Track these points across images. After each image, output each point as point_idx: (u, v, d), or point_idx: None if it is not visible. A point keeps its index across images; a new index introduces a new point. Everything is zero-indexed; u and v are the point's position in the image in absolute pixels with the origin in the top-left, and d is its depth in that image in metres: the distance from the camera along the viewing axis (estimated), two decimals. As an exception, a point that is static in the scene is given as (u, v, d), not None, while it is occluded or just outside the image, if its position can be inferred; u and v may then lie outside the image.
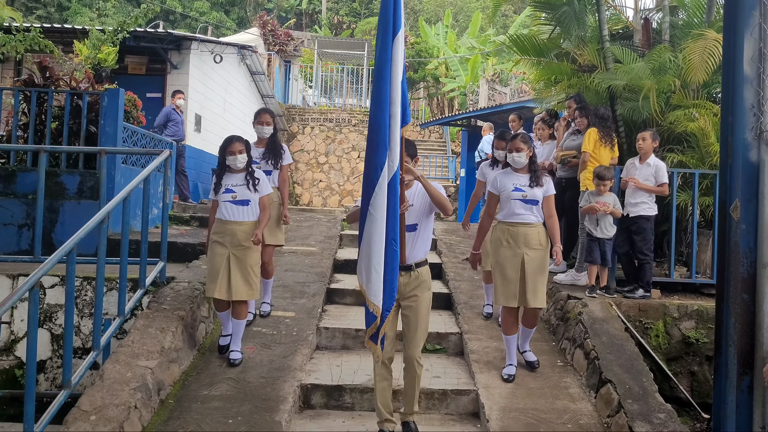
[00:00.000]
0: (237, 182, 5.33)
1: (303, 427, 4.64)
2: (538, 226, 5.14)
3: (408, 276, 4.30)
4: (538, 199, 5.09)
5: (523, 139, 5.12)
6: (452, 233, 9.65)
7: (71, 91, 7.83)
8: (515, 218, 5.11)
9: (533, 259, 5.07)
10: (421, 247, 4.38)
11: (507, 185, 5.15)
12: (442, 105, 27.62)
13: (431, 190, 4.25)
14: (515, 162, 5.13)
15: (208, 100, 14.11)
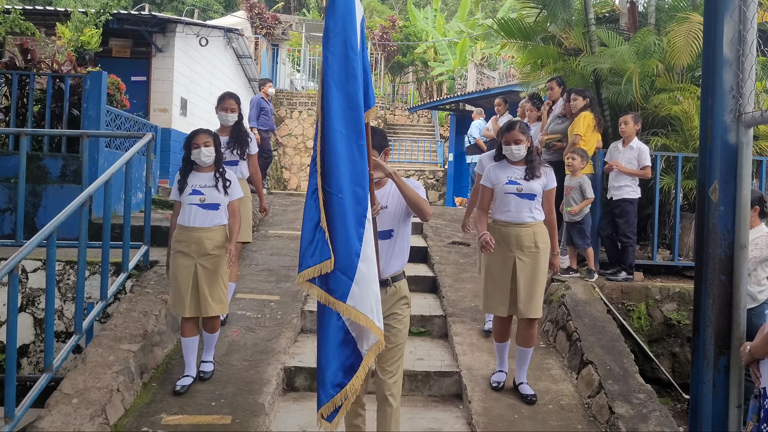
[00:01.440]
0: (205, 182, 4.68)
1: (286, 409, 4.66)
2: (534, 225, 4.58)
3: (384, 292, 3.52)
4: (535, 193, 4.56)
5: (521, 129, 4.60)
6: (438, 217, 9.66)
7: (53, 74, 7.75)
8: (507, 216, 4.59)
9: (526, 264, 4.55)
10: (398, 257, 3.66)
11: (500, 177, 4.63)
12: (430, 89, 27.55)
13: (405, 190, 3.51)
14: (513, 154, 4.60)
15: (194, 84, 14.01)
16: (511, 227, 4.58)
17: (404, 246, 3.72)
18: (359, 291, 3.11)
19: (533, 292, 4.56)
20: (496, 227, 4.65)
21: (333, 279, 3.11)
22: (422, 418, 4.61)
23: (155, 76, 12.71)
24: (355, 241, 3.11)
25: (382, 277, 3.55)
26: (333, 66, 3.19)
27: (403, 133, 23.07)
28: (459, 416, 4.68)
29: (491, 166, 4.81)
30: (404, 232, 3.70)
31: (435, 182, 19.78)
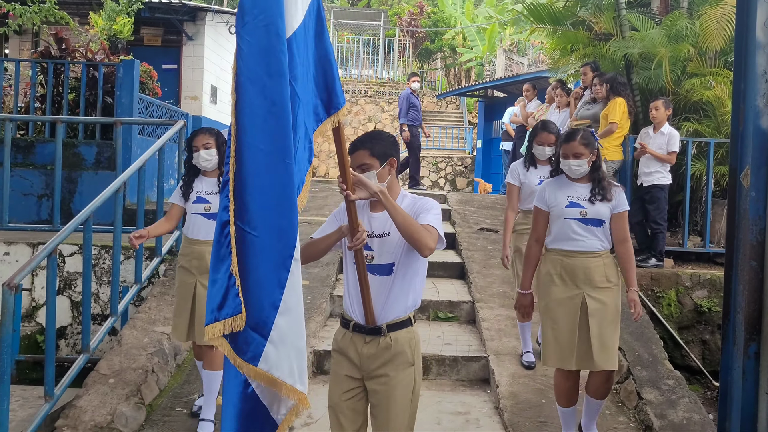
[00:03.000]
0: (210, 189, 4.15)
1: (315, 391, 4.74)
2: (604, 255, 3.75)
3: (375, 344, 2.82)
4: (603, 219, 3.72)
5: (584, 141, 3.72)
6: (466, 204, 9.66)
7: (87, 63, 7.89)
8: (571, 244, 3.74)
9: (599, 303, 3.70)
10: (399, 300, 2.85)
11: (559, 199, 3.80)
12: (459, 76, 27.41)
13: (396, 215, 2.68)
14: (572, 171, 3.76)
15: (223, 72, 14.12)
16: (577, 257, 3.73)
17: (411, 285, 2.88)
18: (275, 353, 2.39)
19: (609, 337, 3.70)
20: (557, 258, 3.79)
21: (242, 337, 2.39)
22: (450, 401, 4.66)
23: (186, 64, 12.84)
24: (274, 290, 2.40)
25: (374, 325, 2.81)
26: (248, 61, 2.41)
27: (431, 119, 23.01)
28: (486, 400, 4.72)
29: (547, 184, 3.94)
30: (412, 266, 2.87)
31: (463, 169, 19.73)
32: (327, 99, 2.68)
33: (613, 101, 6.72)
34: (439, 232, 2.79)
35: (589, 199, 3.74)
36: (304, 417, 4.26)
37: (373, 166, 2.83)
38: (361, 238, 2.71)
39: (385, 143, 2.90)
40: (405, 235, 2.71)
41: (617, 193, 3.78)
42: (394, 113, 21.98)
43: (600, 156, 3.81)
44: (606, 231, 3.77)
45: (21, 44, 12.36)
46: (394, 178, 2.92)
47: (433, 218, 2.81)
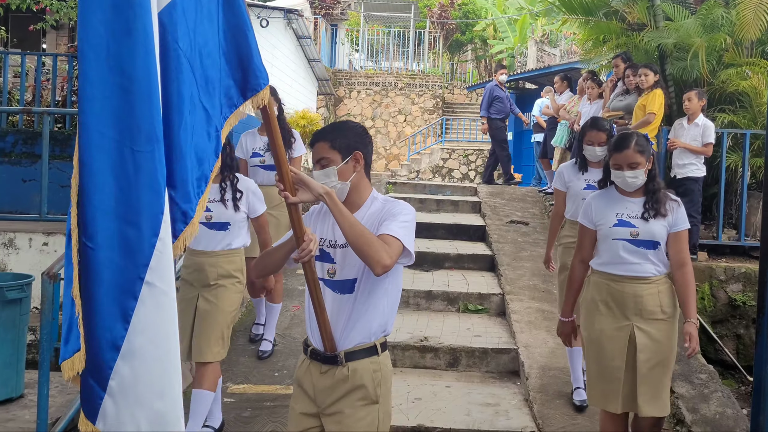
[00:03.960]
0: (212, 196, 3.81)
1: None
2: (659, 281, 3.28)
3: (331, 375, 2.42)
4: (657, 240, 3.25)
5: (639, 148, 3.25)
6: (497, 196, 9.63)
7: (122, 57, 8.01)
8: (619, 268, 3.29)
9: (651, 339, 3.23)
10: (362, 323, 2.41)
11: (607, 216, 3.34)
12: (490, 67, 27.22)
13: (343, 223, 2.27)
14: (627, 184, 3.29)
15: (255, 65, 14.24)
16: (627, 283, 3.27)
17: (378, 307, 2.43)
18: (114, 410, 1.82)
19: (659, 380, 3.24)
20: (603, 282, 3.35)
21: (83, 383, 1.86)
22: (479, 393, 4.67)
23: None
24: (114, 324, 1.82)
25: (332, 352, 2.42)
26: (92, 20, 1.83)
27: (461, 112, 22.92)
28: (516, 392, 4.72)
29: (593, 197, 3.48)
30: (379, 285, 2.42)
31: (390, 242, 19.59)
32: (242, 79, 2.22)
33: (653, 92, 6.62)
34: (405, 244, 2.34)
35: (642, 215, 3.25)
36: None
37: (333, 161, 2.43)
38: (306, 249, 2.27)
39: (350, 134, 2.49)
40: (353, 248, 2.28)
41: (674, 208, 3.26)
42: (424, 106, 21.95)
43: (656, 164, 3.36)
44: (661, 254, 3.28)
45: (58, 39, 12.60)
46: (361, 177, 2.50)
47: (397, 227, 2.35)
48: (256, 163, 4.98)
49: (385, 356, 2.48)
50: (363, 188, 2.52)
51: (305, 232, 2.30)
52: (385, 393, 2.46)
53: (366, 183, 2.54)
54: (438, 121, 20.92)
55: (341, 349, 2.42)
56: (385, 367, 2.48)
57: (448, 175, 19.28)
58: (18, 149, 7.37)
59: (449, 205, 9.19)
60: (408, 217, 2.43)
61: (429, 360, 5.09)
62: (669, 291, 3.30)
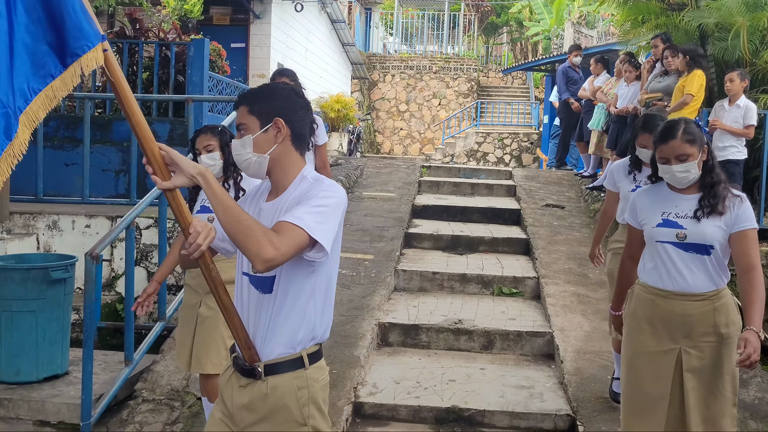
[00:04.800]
0: None
1: (380, 362, 4.83)
2: (715, 297, 2.80)
3: (250, 391, 2.07)
4: (711, 243, 2.77)
5: (689, 136, 2.77)
6: (532, 179, 9.57)
7: (160, 42, 8.12)
8: (665, 281, 2.84)
9: (702, 362, 2.79)
10: (283, 330, 2.05)
11: (651, 215, 2.90)
12: (525, 50, 26.93)
13: (216, 209, 1.89)
14: (677, 180, 2.83)
15: (290, 50, 14.29)
16: (675, 300, 2.83)
17: (304, 311, 2.06)
18: None
19: (718, 409, 2.79)
20: (647, 297, 2.91)
21: None
22: (514, 375, 4.68)
23: (253, 43, 13.05)
24: None
25: (251, 363, 2.06)
26: None
27: (497, 95, 22.74)
28: (551, 375, 4.72)
29: (641, 192, 3.09)
30: (303, 285, 2.05)
31: (529, 145, 19.46)
32: (59, 42, 1.82)
33: (693, 73, 6.50)
34: (311, 232, 1.90)
35: (695, 214, 2.77)
36: (369, 386, 4.37)
37: (250, 129, 2.05)
38: (194, 243, 1.88)
39: (273, 98, 2.09)
40: (230, 238, 1.91)
41: (736, 204, 2.76)
42: (459, 89, 21.82)
43: (713, 153, 2.85)
44: (719, 260, 2.79)
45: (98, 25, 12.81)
46: (287, 150, 2.08)
47: (305, 212, 1.93)
48: None
49: (316, 369, 2.09)
50: (289, 164, 2.09)
51: (190, 223, 1.90)
52: (316, 413, 2.07)
53: (295, 159, 2.10)
54: (473, 105, 20.78)
55: (263, 360, 2.04)
56: (315, 383, 2.07)
57: (483, 159, 19.18)
58: (60, 134, 7.54)
59: (484, 189, 9.16)
60: (327, 200, 1.99)
61: (463, 342, 5.11)
62: (726, 307, 2.80)
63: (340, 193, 2.06)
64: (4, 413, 4.10)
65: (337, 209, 2.02)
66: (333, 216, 2.00)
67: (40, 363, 4.36)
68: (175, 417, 3.90)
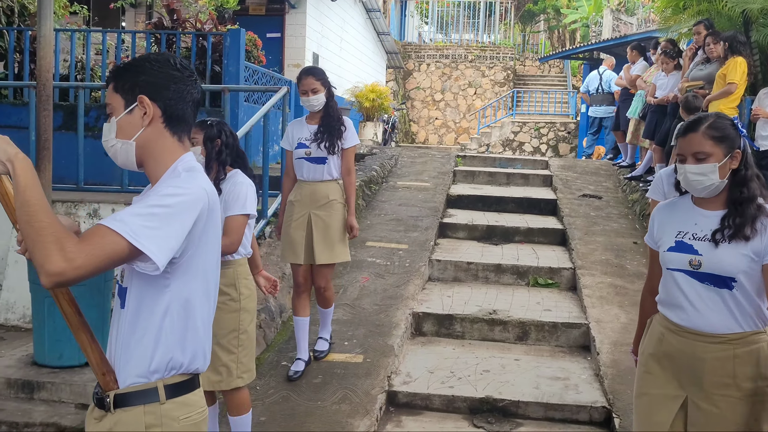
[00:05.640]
0: None
1: (414, 351, 4.84)
2: (737, 341, 2.25)
3: (103, 422, 1.73)
4: (731, 275, 2.24)
5: (713, 133, 2.27)
6: (569, 169, 9.45)
7: (197, 33, 8.20)
8: (678, 314, 2.34)
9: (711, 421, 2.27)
10: (132, 353, 1.72)
11: (666, 235, 2.40)
12: (563, 38, 26.57)
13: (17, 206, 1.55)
14: (690, 184, 2.30)
15: (324, 39, 14.31)
16: (686, 338, 2.32)
17: (155, 330, 1.69)
18: None
19: None
20: (659, 330, 2.43)
21: None
22: (549, 367, 4.64)
23: (289, 33, 13.10)
24: None
25: (105, 390, 1.73)
26: None
27: (533, 84, 22.49)
28: (586, 367, 4.67)
29: (661, 206, 2.53)
30: (157, 298, 1.69)
31: (566, 135, 19.22)
32: None
33: (733, 60, 6.34)
34: (131, 239, 1.53)
35: (713, 236, 2.25)
36: (403, 375, 4.37)
37: (115, 110, 1.75)
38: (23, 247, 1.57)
39: (138, 72, 1.74)
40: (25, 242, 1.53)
41: (766, 225, 2.22)
42: (495, 78, 21.64)
43: (749, 162, 2.30)
44: (747, 297, 2.24)
45: (136, 17, 12.96)
46: (159, 135, 1.74)
47: (133, 214, 1.57)
48: (301, 155, 4.21)
49: (177, 405, 1.71)
50: (162, 152, 1.75)
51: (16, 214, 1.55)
52: None
53: (169, 145, 1.75)
54: (509, 94, 20.58)
55: (120, 387, 1.71)
56: (173, 422, 1.69)
57: (519, 149, 19.01)
58: (100, 124, 7.67)
59: (519, 179, 9.08)
60: (169, 200, 1.61)
61: (498, 333, 5.09)
62: (755, 356, 2.23)
63: (194, 190, 1.65)
64: (47, 396, 4.21)
65: (183, 211, 1.62)
66: (175, 220, 1.60)
67: (82, 348, 4.45)
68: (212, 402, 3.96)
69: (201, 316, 1.75)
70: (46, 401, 4.19)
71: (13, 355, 4.67)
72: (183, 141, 1.78)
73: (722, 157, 2.26)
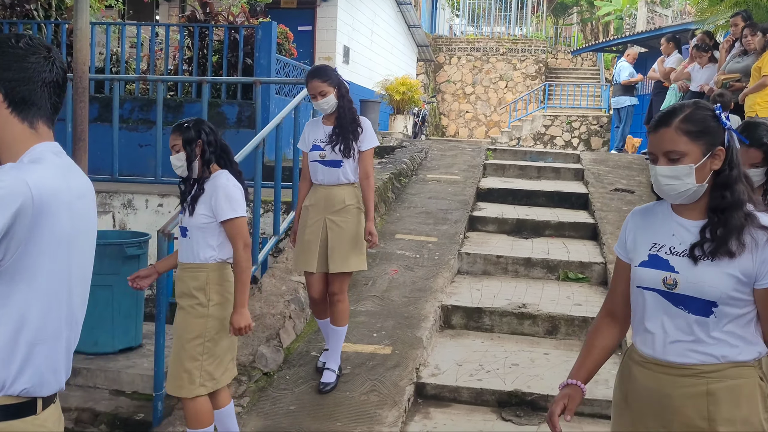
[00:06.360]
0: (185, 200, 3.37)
1: (443, 344, 4.84)
2: (714, 376, 1.85)
3: None
4: (712, 298, 1.85)
5: (688, 126, 1.86)
6: (600, 163, 9.35)
7: (229, 26, 8.27)
8: (647, 342, 1.96)
9: None
10: None
11: (639, 247, 2.02)
12: (596, 30, 26.24)
13: None
14: (662, 189, 1.93)
15: (355, 32, 14.32)
16: (651, 370, 1.94)
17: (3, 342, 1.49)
18: None
19: None
20: (627, 361, 2.07)
21: None
22: (578, 361, 4.61)
23: (320, 25, 13.14)
24: None
25: None
26: None
27: (565, 77, 22.26)
28: (616, 363, 4.61)
29: (636, 212, 2.11)
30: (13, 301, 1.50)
31: (599, 128, 19.01)
32: None
33: (767, 53, 6.23)
34: None
35: (691, 251, 1.86)
36: (432, 368, 4.39)
37: None
38: None
39: None
40: None
41: (761, 241, 1.81)
42: (526, 71, 21.47)
43: (735, 159, 1.89)
44: (728, 325, 1.84)
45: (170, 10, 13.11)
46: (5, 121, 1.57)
47: None
48: (316, 157, 4.00)
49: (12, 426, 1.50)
50: (11, 142, 1.58)
51: None
52: None
53: (18, 133, 1.58)
54: (540, 87, 20.41)
55: None
56: None
57: (550, 143, 18.86)
58: (135, 116, 7.80)
59: (550, 173, 9.00)
60: None
61: (527, 327, 5.07)
62: (734, 394, 1.82)
63: (7, 183, 1.45)
64: (83, 382, 4.31)
65: None
66: None
67: (116, 335, 4.55)
68: (243, 391, 4.01)
69: (45, 335, 1.53)
70: (81, 387, 4.29)
71: (50, 342, 4.78)
72: (37, 128, 1.59)
73: (700, 156, 1.85)
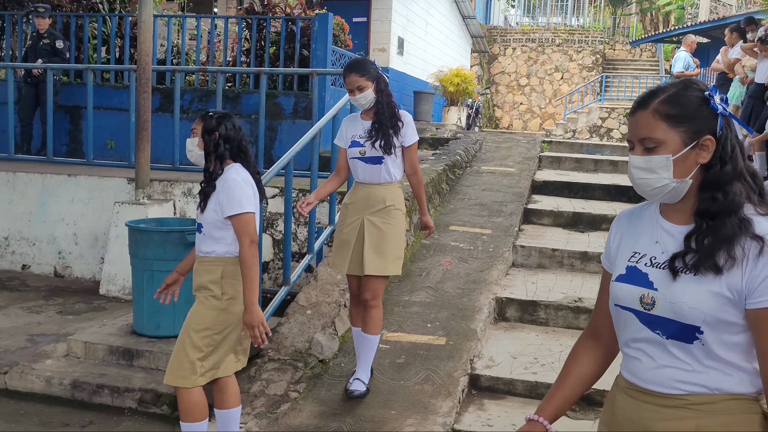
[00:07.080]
0: None
1: (497, 336, 4.83)
2: (703, 407, 1.51)
3: None
4: (693, 322, 1.49)
5: (667, 109, 1.52)
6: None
7: (286, 18, 8.37)
8: (633, 371, 1.65)
9: None
10: None
11: (622, 255, 1.69)
12: (655, 21, 25.59)
13: None
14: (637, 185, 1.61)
15: (410, 23, 14.30)
16: (634, 398, 1.66)
17: None
18: None
19: None
20: (613, 388, 1.78)
21: None
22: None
23: (375, 17, 13.16)
24: None
25: None
26: None
27: (623, 69, 21.79)
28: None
29: (623, 214, 1.78)
30: None
31: (657, 121, 18.56)
32: None
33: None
34: None
35: (671, 263, 1.54)
36: (486, 360, 4.38)
37: None
38: None
39: None
40: None
41: (752, 254, 1.46)
42: (583, 62, 21.11)
43: (733, 153, 1.54)
44: (716, 350, 1.50)
45: (228, 3, 13.32)
46: None
47: None
48: (356, 154, 3.84)
49: None
50: None
51: None
52: None
53: None
54: (597, 79, 20.03)
55: None
56: None
57: (607, 135, 18.51)
58: (194, 106, 7.97)
59: (608, 166, 8.86)
60: None
61: (583, 321, 5.01)
62: (727, 428, 1.51)
63: None
64: (146, 364, 4.45)
65: None
66: None
67: (177, 319, 4.67)
68: (299, 377, 4.08)
69: None
70: (144, 368, 4.43)
71: (115, 324, 4.95)
72: None
73: (680, 145, 1.53)
